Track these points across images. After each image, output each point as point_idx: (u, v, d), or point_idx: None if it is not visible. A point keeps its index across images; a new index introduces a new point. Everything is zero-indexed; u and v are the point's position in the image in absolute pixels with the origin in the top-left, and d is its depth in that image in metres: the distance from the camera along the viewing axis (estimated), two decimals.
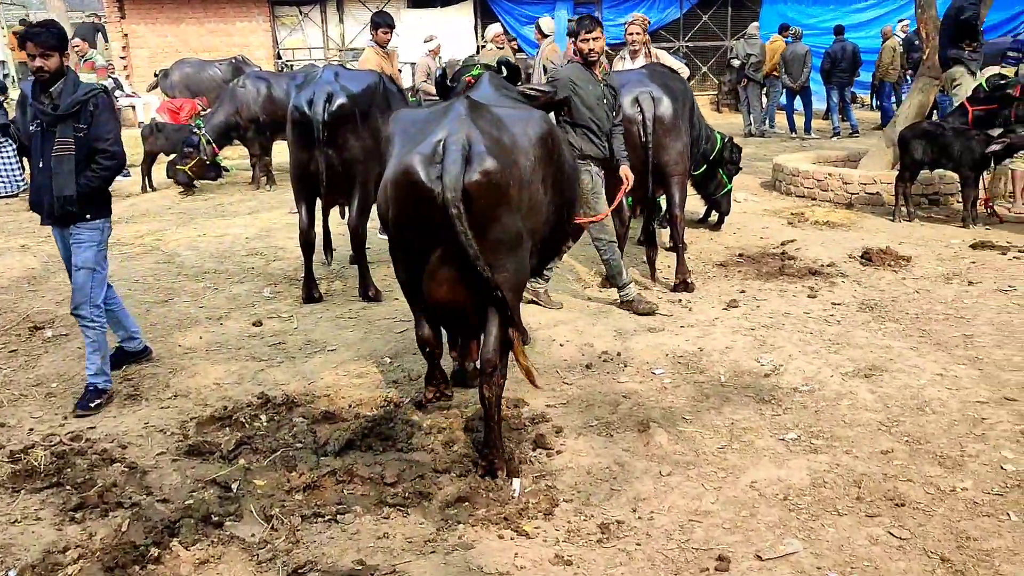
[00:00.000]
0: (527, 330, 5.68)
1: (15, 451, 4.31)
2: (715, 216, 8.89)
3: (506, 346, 3.99)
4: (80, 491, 3.91)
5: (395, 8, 20.21)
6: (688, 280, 6.83)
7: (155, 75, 16.91)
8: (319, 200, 6.68)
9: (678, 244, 6.94)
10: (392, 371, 5.31)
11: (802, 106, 16.43)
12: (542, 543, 3.47)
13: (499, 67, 5.07)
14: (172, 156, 11.60)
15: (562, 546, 3.44)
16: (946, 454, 4.07)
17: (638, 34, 8.97)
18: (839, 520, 3.57)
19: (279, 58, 21.79)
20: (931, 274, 7.01)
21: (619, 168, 6.24)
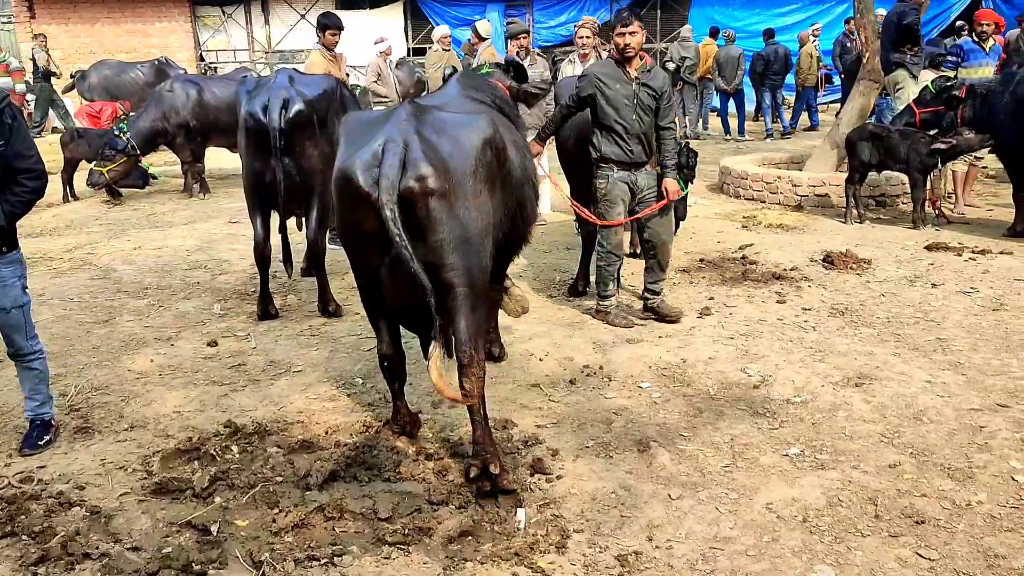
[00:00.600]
0: (503, 345, 5.46)
1: None
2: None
3: (480, 332, 3.91)
4: (39, 542, 3.51)
5: (323, 9, 19.69)
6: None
7: (71, 76, 16.10)
8: (275, 212, 6.28)
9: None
10: (366, 392, 5.01)
11: (735, 108, 16.63)
12: None
13: (507, 67, 4.95)
14: (94, 163, 10.93)
15: None
16: (954, 466, 3.99)
17: (588, 37, 8.92)
18: (863, 542, 3.44)
19: (202, 60, 21.06)
20: (893, 277, 7.03)
21: (663, 179, 5.88)
